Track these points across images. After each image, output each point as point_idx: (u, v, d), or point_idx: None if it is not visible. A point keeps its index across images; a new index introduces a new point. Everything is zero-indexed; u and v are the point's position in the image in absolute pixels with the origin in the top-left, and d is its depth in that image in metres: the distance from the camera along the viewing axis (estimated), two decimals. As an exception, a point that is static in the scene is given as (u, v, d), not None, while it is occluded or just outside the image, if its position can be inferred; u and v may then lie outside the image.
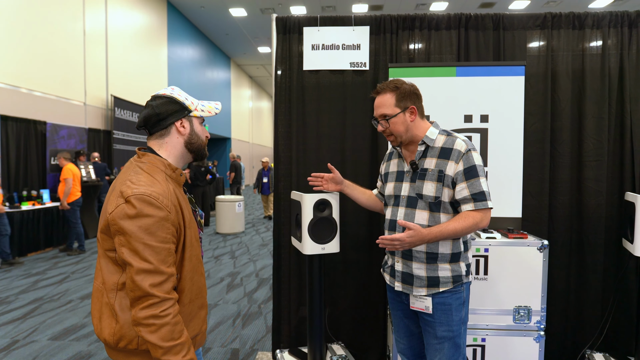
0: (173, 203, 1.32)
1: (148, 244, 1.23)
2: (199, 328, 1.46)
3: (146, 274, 1.22)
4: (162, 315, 1.22)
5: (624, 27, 2.84)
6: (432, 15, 2.94)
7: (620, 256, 2.83)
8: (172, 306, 1.25)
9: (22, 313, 4.33)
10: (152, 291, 1.22)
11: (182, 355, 1.24)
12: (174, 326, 1.24)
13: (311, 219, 2.39)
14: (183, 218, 1.36)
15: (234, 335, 3.78)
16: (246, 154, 23.43)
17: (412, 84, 1.87)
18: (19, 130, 7.39)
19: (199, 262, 1.45)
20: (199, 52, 16.59)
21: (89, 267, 6.24)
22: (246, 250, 7.47)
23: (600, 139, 2.82)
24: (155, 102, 1.40)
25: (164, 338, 1.22)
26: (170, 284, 1.27)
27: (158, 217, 1.26)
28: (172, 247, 1.30)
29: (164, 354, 1.22)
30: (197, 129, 1.47)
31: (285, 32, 3.01)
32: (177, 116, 1.41)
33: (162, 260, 1.25)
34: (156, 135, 1.43)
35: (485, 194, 1.75)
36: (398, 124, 1.83)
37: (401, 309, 1.99)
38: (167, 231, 1.28)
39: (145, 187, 1.28)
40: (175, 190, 1.38)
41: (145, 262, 1.22)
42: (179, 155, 1.45)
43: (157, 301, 1.22)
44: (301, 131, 3.01)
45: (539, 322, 2.43)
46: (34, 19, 7.84)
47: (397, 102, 1.82)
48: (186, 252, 1.37)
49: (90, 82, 9.56)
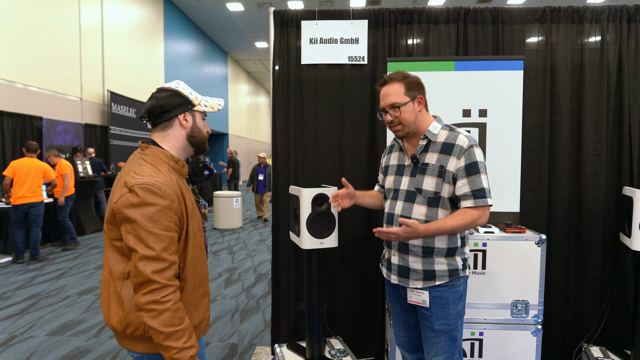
0: (176, 193, 1.35)
1: (152, 232, 1.27)
2: (202, 315, 1.49)
3: (149, 261, 1.25)
4: (163, 301, 1.25)
5: (623, 21, 2.83)
6: (430, 9, 2.93)
7: (618, 250, 2.84)
8: (172, 293, 1.28)
9: (19, 309, 4.32)
10: (153, 277, 1.25)
11: (182, 342, 1.27)
12: (175, 312, 1.27)
13: (309, 214, 2.38)
14: (186, 208, 1.39)
15: (232, 330, 3.78)
16: (243, 149, 23.37)
17: (417, 76, 1.87)
18: (15, 126, 7.34)
19: (202, 251, 1.48)
20: (195, 47, 16.50)
21: (86, 262, 6.23)
22: (244, 245, 7.47)
23: (598, 134, 2.82)
24: (160, 94, 1.43)
25: (165, 323, 1.25)
26: (171, 271, 1.30)
27: (161, 206, 1.29)
28: (174, 235, 1.33)
29: (165, 340, 1.25)
30: (199, 123, 1.51)
31: (283, 25, 2.99)
32: (180, 109, 1.44)
33: (164, 248, 1.28)
34: (159, 128, 1.46)
35: (486, 191, 1.74)
36: (408, 112, 1.81)
37: (399, 302, 1.99)
38: (170, 220, 1.31)
39: (148, 177, 1.31)
40: (177, 180, 1.41)
41: (149, 249, 1.26)
42: (181, 148, 1.49)
43: (158, 287, 1.25)
44: (299, 126, 3.00)
45: (537, 316, 2.44)
46: (30, 14, 7.77)
47: (406, 91, 1.81)
48: (189, 240, 1.40)
49: (87, 77, 9.50)
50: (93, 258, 6.51)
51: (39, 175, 6.14)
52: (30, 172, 6.02)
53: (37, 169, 6.10)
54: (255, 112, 27.39)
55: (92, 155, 8.74)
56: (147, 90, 12.24)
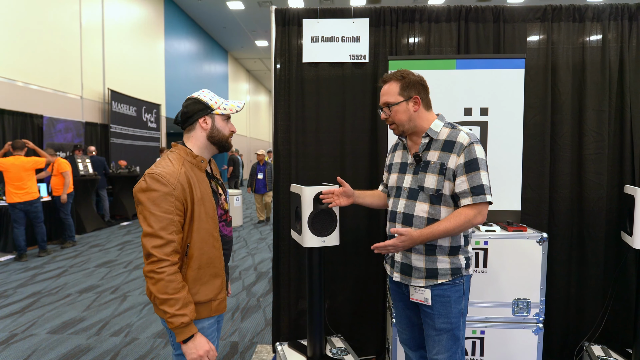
0: (181, 182, 1.56)
1: (153, 213, 1.50)
2: (213, 294, 1.67)
3: (150, 237, 1.50)
4: (159, 272, 1.48)
5: (624, 19, 2.83)
6: (432, 8, 2.92)
7: (620, 249, 2.84)
8: (167, 266, 1.49)
9: (20, 307, 4.32)
10: (152, 251, 1.48)
11: (175, 309, 1.49)
12: (168, 283, 1.49)
13: (311, 212, 2.38)
14: (192, 196, 1.59)
15: (233, 329, 3.78)
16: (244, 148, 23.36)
17: (419, 76, 1.88)
18: (16, 124, 7.34)
19: (210, 236, 1.65)
20: (196, 46, 16.49)
21: (86, 261, 6.23)
22: (244, 244, 7.48)
23: (600, 132, 2.82)
24: (187, 102, 1.69)
25: (160, 291, 1.49)
26: (169, 248, 1.51)
27: (162, 192, 1.52)
28: (175, 217, 1.53)
29: (161, 304, 1.49)
30: (219, 125, 1.71)
31: (285, 24, 2.99)
32: (200, 114, 1.67)
33: (163, 228, 1.50)
34: (186, 130, 1.71)
35: (485, 188, 1.73)
36: (400, 112, 1.84)
37: (402, 300, 2.00)
38: (170, 204, 1.52)
39: (159, 169, 1.55)
40: (188, 172, 1.61)
41: (149, 227, 1.50)
42: (202, 147, 1.71)
43: (155, 260, 1.49)
44: (300, 124, 3.00)
45: (538, 315, 2.44)
46: (30, 12, 7.76)
47: (400, 91, 1.83)
48: (194, 224, 1.59)
49: (87, 75, 9.50)
50: (94, 256, 6.52)
51: (29, 173, 6.09)
52: (20, 173, 5.98)
53: (26, 168, 6.04)
54: (256, 111, 27.38)
55: (93, 153, 8.74)
56: (147, 89, 12.26)
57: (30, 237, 6.69)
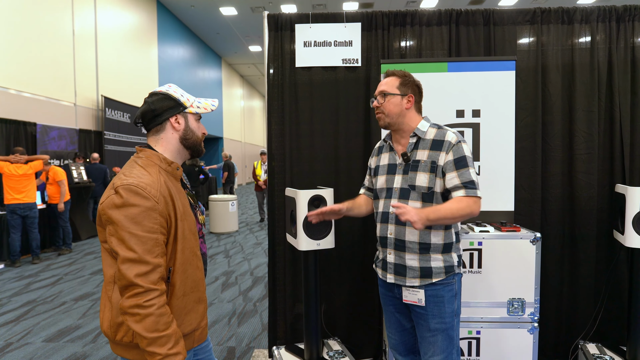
0: (162, 194, 1.31)
1: (134, 233, 1.23)
2: (196, 323, 1.44)
3: (131, 264, 1.22)
4: (146, 305, 1.21)
5: (612, 21, 2.87)
6: (423, 12, 2.96)
7: (612, 247, 2.87)
8: (157, 297, 1.24)
9: (15, 315, 4.29)
10: (136, 281, 1.21)
11: (167, 348, 1.23)
12: (159, 317, 1.23)
13: (306, 215, 2.39)
14: (175, 210, 1.35)
15: (230, 334, 3.78)
16: (238, 153, 23.35)
17: (419, 81, 1.95)
18: (9, 132, 7.30)
19: (194, 256, 1.43)
20: (189, 52, 16.50)
21: (81, 268, 6.20)
22: (240, 249, 7.46)
23: (590, 132, 2.86)
24: (152, 99, 1.42)
25: (148, 329, 1.21)
26: (156, 274, 1.25)
27: (144, 207, 1.26)
28: (160, 237, 1.28)
29: (149, 345, 1.22)
30: (192, 125, 1.48)
31: (277, 29, 3.01)
32: (171, 112, 1.42)
33: (148, 250, 1.24)
34: (153, 131, 1.44)
35: (475, 183, 1.78)
36: (393, 103, 1.88)
37: (393, 303, 2.00)
38: (154, 221, 1.27)
39: (133, 179, 1.29)
40: (167, 182, 1.37)
41: (131, 251, 1.22)
42: (175, 151, 1.46)
43: (141, 291, 1.22)
44: (294, 128, 3.02)
45: (533, 314, 2.46)
46: (23, 19, 7.75)
47: (399, 86, 1.89)
48: (178, 244, 1.36)
49: (81, 82, 9.47)
50: (89, 264, 6.48)
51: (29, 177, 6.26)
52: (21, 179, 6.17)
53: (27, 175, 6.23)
54: (250, 116, 27.39)
55: (97, 161, 8.71)
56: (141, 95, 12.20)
57: (24, 246, 6.66)
